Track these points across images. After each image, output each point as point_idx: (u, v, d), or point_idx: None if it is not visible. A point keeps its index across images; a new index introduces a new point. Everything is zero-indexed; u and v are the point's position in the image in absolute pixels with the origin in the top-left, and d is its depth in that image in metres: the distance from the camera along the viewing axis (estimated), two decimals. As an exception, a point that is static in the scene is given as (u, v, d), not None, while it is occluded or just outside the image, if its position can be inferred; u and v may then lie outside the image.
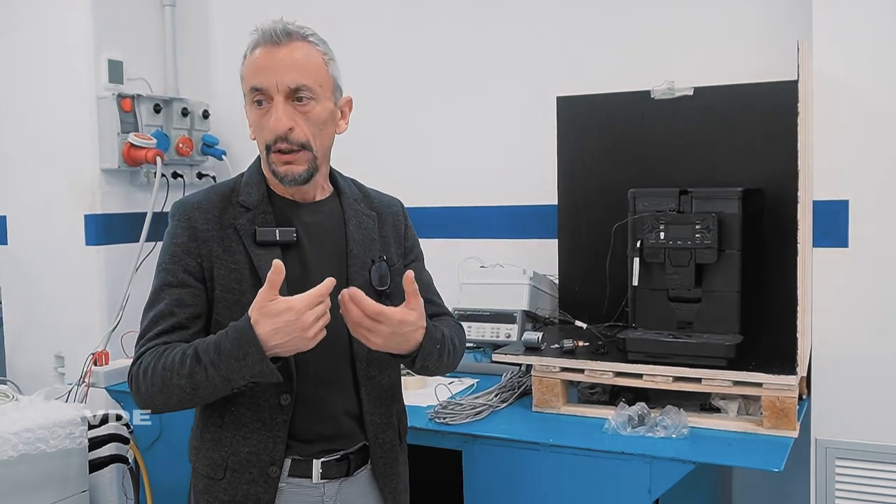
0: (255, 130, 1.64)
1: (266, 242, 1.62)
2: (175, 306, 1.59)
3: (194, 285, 1.61)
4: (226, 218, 1.64)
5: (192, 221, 1.63)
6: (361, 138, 3.54)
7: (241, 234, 1.63)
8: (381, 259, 1.73)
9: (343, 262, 1.69)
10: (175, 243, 1.63)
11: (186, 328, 1.59)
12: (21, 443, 2.31)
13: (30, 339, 3.60)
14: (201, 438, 1.68)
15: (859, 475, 2.33)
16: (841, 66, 2.30)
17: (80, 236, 3.40)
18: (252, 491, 1.62)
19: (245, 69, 1.62)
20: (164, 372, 1.52)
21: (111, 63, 3.41)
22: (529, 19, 3.19)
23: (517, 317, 2.75)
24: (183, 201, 1.69)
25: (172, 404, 1.56)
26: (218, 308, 1.61)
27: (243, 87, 1.63)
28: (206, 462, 1.66)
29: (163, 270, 1.63)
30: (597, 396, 2.35)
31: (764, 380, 2.09)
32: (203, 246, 1.62)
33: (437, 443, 2.22)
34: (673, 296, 2.39)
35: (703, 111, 2.68)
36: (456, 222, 3.36)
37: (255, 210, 1.65)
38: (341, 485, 1.68)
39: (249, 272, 1.61)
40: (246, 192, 1.67)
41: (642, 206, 2.42)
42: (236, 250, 1.62)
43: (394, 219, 1.84)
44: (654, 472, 1.97)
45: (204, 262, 1.61)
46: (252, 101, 1.61)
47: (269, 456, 1.62)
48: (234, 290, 1.61)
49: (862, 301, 2.31)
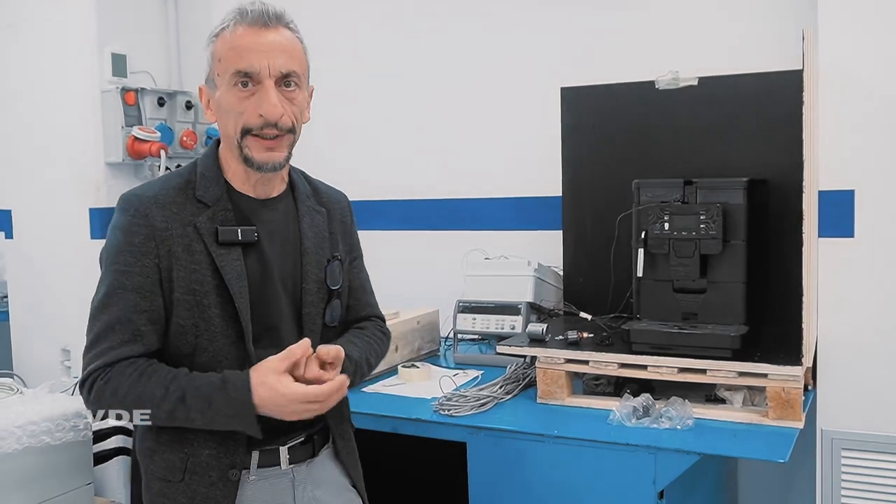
0: (228, 114, 1.55)
1: (228, 243, 1.56)
2: (132, 312, 1.51)
3: (152, 289, 1.52)
4: (184, 214, 1.55)
5: (150, 219, 1.52)
6: (365, 129, 3.55)
7: (201, 233, 1.55)
8: (335, 258, 1.72)
9: (298, 262, 1.66)
10: (130, 242, 1.52)
11: (142, 336, 1.52)
12: (25, 436, 2.32)
13: (36, 333, 3.61)
14: (157, 441, 1.60)
15: (865, 466, 2.33)
16: (846, 56, 2.29)
17: (85, 230, 3.41)
18: (211, 494, 1.58)
19: (223, 49, 1.53)
20: (139, 402, 1.49)
21: (115, 56, 3.41)
22: (533, 9, 3.18)
23: (522, 308, 2.74)
24: (136, 194, 1.56)
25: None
26: (178, 311, 1.53)
27: (216, 66, 1.55)
28: (163, 465, 1.59)
29: (115, 271, 1.52)
30: (601, 388, 2.34)
31: (769, 370, 2.08)
32: (162, 245, 1.52)
33: (441, 434, 2.21)
34: (678, 287, 2.38)
35: (707, 101, 2.66)
36: (460, 214, 3.36)
37: (215, 207, 1.57)
38: (308, 466, 1.68)
39: (211, 273, 1.54)
40: (203, 186, 1.58)
41: (647, 196, 2.41)
42: (197, 250, 1.54)
43: (341, 214, 1.80)
44: (658, 464, 1.96)
45: (162, 263, 1.52)
46: (234, 83, 1.52)
47: (229, 459, 1.58)
48: (195, 292, 1.53)
49: (868, 291, 2.30)
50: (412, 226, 3.44)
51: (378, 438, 2.24)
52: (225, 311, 1.55)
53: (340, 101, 3.37)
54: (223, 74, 1.54)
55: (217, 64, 1.55)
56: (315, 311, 1.67)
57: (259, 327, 1.59)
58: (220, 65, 1.54)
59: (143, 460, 1.63)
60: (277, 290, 1.62)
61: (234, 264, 1.55)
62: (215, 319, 1.54)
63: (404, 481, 2.88)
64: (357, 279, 1.84)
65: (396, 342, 2.74)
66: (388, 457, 2.26)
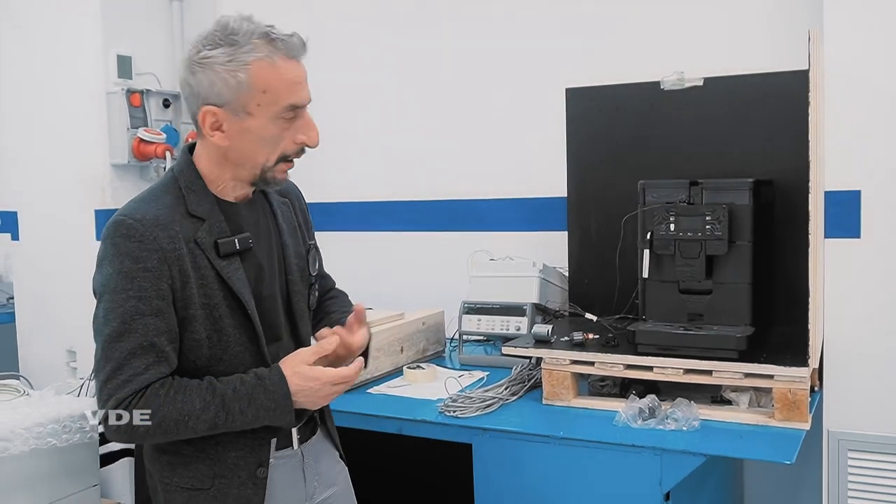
0: (264, 142, 1.57)
1: (228, 254, 1.59)
2: (154, 336, 1.50)
3: (168, 310, 1.52)
4: (185, 232, 1.55)
5: (158, 241, 1.51)
6: (371, 131, 3.55)
7: (203, 248, 1.56)
8: (311, 246, 1.81)
9: (280, 255, 1.72)
10: (144, 267, 1.50)
11: (167, 357, 1.52)
12: (32, 437, 2.32)
13: (42, 334, 3.62)
14: (179, 454, 1.62)
15: (872, 467, 2.32)
16: (852, 56, 2.28)
17: (91, 231, 3.41)
18: (242, 494, 1.62)
19: (273, 82, 1.53)
20: (180, 417, 1.50)
21: (120, 58, 3.42)
22: (538, 10, 3.17)
23: (527, 309, 2.73)
24: (136, 218, 1.52)
25: (160, 440, 1.58)
26: (193, 326, 1.55)
27: (255, 96, 1.53)
28: (188, 475, 1.62)
29: (130, 297, 1.49)
30: (607, 389, 2.34)
31: (775, 372, 2.07)
32: (174, 266, 1.52)
33: (446, 436, 2.21)
34: (683, 288, 2.38)
35: (713, 102, 2.66)
36: (465, 215, 3.35)
37: (210, 220, 1.59)
38: (310, 444, 1.77)
39: (219, 285, 1.57)
40: (194, 201, 1.59)
41: (652, 197, 2.41)
42: (202, 265, 1.56)
43: (299, 202, 1.85)
44: (664, 465, 1.96)
45: (175, 283, 1.53)
46: (283, 116, 1.55)
47: (255, 458, 1.63)
48: (206, 306, 1.56)
49: (874, 292, 2.29)
50: (417, 227, 3.43)
51: (383, 440, 2.24)
52: (235, 320, 1.59)
53: (345, 104, 3.38)
54: (268, 106, 1.54)
55: (260, 94, 1.53)
56: (301, 300, 1.75)
57: (263, 327, 1.63)
58: (267, 96, 1.53)
59: (161, 474, 1.64)
60: (272, 288, 1.69)
61: (238, 273, 1.60)
62: (228, 329, 1.58)
63: (410, 483, 2.88)
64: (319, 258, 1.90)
65: (402, 343, 2.74)
66: (394, 458, 2.27)
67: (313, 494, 1.77)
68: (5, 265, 3.99)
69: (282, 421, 1.58)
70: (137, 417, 1.49)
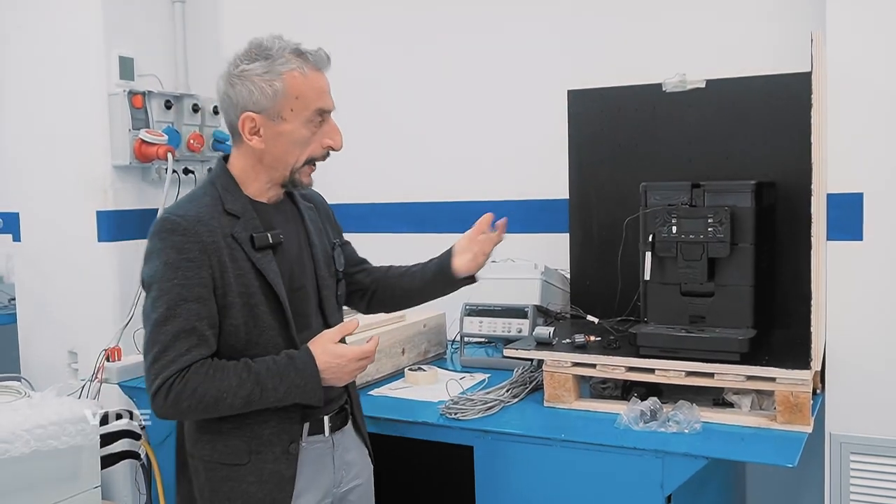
0: (295, 145, 1.78)
1: (263, 247, 1.78)
2: (196, 321, 1.68)
3: (209, 297, 1.70)
4: (223, 228, 1.75)
5: (199, 235, 1.70)
6: (372, 134, 3.55)
7: (239, 241, 1.76)
8: (336, 244, 2.01)
9: (309, 253, 1.92)
10: (187, 258, 1.68)
11: (206, 340, 1.69)
12: (33, 439, 2.32)
13: (43, 336, 3.62)
14: (217, 431, 1.78)
15: (874, 470, 2.31)
16: (855, 58, 2.28)
17: (93, 233, 3.41)
18: (276, 468, 1.79)
19: (304, 89, 1.75)
20: (219, 394, 1.68)
21: (122, 60, 3.42)
22: (540, 12, 3.17)
23: (528, 312, 2.73)
24: (179, 215, 1.73)
25: (201, 416, 1.75)
26: (232, 313, 1.73)
27: (289, 102, 1.74)
28: (226, 451, 1.78)
29: (175, 286, 1.68)
30: (609, 391, 2.33)
31: (777, 374, 2.07)
32: (213, 256, 1.71)
33: (448, 438, 2.21)
34: (685, 290, 2.37)
35: (715, 104, 2.66)
36: (467, 217, 3.32)
37: (244, 217, 1.78)
38: (342, 434, 1.95)
39: (255, 275, 1.76)
40: (230, 200, 1.79)
41: (654, 199, 2.40)
42: (239, 257, 1.75)
43: (323, 207, 2.07)
44: (666, 468, 1.96)
45: (215, 273, 1.71)
46: (314, 120, 1.78)
47: (288, 435, 1.80)
48: (244, 295, 1.74)
49: (877, 295, 2.29)
50: (418, 229, 3.43)
51: (385, 442, 2.23)
52: (269, 307, 1.77)
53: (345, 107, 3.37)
54: (300, 111, 1.76)
55: (294, 100, 1.75)
56: (330, 293, 1.94)
57: (294, 316, 1.81)
58: (299, 102, 1.76)
59: (202, 453, 1.80)
60: (303, 281, 1.88)
61: (271, 265, 1.78)
62: (263, 315, 1.76)
63: (411, 485, 2.87)
64: (352, 251, 2.16)
65: (403, 345, 2.74)
66: (395, 460, 2.26)
67: (340, 482, 1.94)
68: (7, 266, 3.98)
69: (312, 397, 1.76)
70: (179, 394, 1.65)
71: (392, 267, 2.20)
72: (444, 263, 2.14)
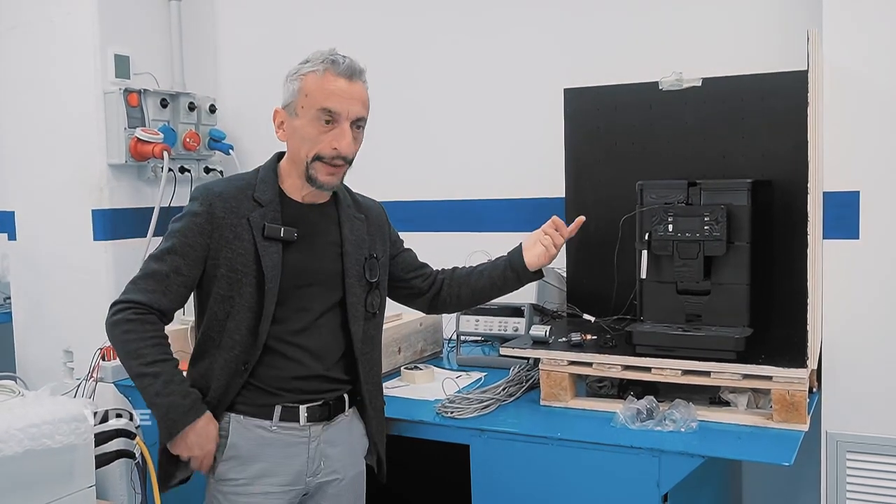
0: (304, 140, 1.90)
1: (272, 238, 1.92)
2: (173, 272, 1.89)
3: (195, 260, 1.90)
4: (241, 209, 1.92)
5: (213, 207, 1.90)
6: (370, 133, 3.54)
7: (252, 225, 1.91)
8: (372, 257, 2.08)
9: (339, 259, 2.01)
10: (194, 221, 1.90)
11: (171, 293, 1.90)
12: (27, 438, 2.30)
13: (38, 334, 3.61)
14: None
15: (871, 469, 2.31)
16: (851, 57, 2.28)
17: (88, 231, 3.40)
18: None
19: (314, 87, 1.88)
20: (137, 349, 1.87)
21: (118, 58, 3.42)
22: (536, 10, 3.17)
23: (525, 310, 2.73)
24: (208, 187, 1.95)
25: (118, 353, 1.93)
26: (220, 283, 1.91)
27: (301, 99, 1.89)
28: None
29: (177, 234, 1.90)
30: (605, 390, 2.33)
31: (774, 373, 2.07)
32: (216, 230, 1.90)
33: (444, 437, 2.21)
34: (681, 288, 2.37)
35: (711, 102, 2.66)
36: (464, 215, 3.35)
37: (268, 207, 1.93)
38: (325, 428, 2.00)
39: (253, 259, 1.90)
40: (261, 189, 1.95)
41: (650, 198, 2.40)
42: (245, 238, 1.90)
43: (378, 220, 2.16)
44: (662, 466, 1.95)
45: (212, 244, 1.90)
46: (319, 118, 1.88)
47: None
48: (236, 271, 1.90)
49: (873, 293, 2.29)
50: (415, 227, 3.41)
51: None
52: (257, 291, 1.90)
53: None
54: (308, 108, 1.89)
55: (304, 98, 1.89)
56: (357, 301, 2.02)
57: (289, 309, 1.94)
58: (307, 99, 1.89)
59: None
60: (317, 280, 1.97)
61: (273, 256, 1.91)
62: (246, 295, 1.90)
63: (407, 483, 2.87)
64: (411, 258, 2.28)
65: (399, 344, 2.74)
66: (391, 459, 2.25)
67: (317, 472, 2.00)
68: (2, 265, 3.97)
69: (163, 427, 1.90)
70: (118, 321, 1.88)
71: (457, 268, 2.28)
72: (514, 258, 2.18)
